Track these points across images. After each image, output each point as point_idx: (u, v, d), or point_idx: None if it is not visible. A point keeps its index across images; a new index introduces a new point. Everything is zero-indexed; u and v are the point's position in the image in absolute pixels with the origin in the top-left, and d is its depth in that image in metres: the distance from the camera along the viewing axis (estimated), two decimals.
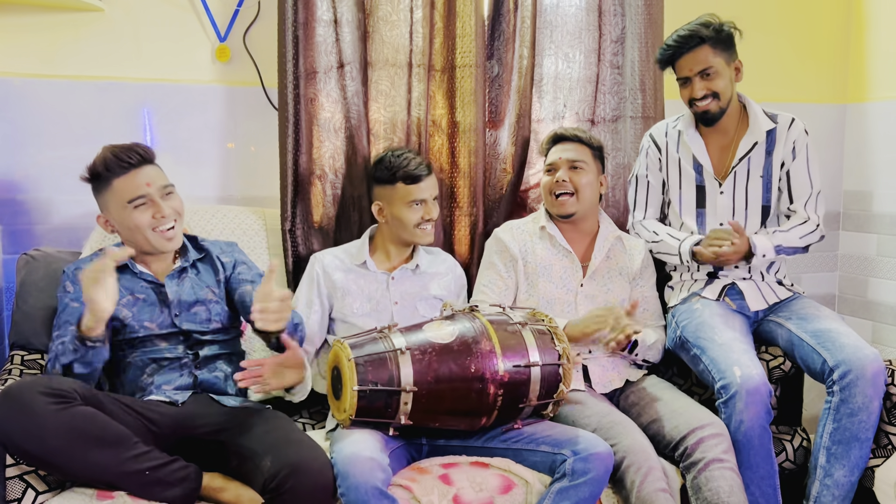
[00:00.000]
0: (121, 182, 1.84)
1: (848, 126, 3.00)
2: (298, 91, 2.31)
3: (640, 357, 2.18)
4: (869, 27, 2.91)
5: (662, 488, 1.78)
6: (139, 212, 1.85)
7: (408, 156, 2.13)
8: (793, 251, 2.25)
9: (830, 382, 2.00)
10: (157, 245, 1.89)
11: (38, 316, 2.04)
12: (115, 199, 1.85)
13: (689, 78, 2.20)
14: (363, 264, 2.15)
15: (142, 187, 1.84)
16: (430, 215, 2.13)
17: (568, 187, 2.21)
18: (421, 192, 2.11)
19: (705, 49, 2.16)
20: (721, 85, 2.19)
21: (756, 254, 2.18)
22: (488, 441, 1.85)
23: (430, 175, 2.15)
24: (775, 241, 2.21)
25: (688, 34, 2.17)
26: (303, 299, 2.14)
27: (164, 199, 1.87)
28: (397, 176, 2.11)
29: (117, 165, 1.83)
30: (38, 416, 1.52)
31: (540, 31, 2.53)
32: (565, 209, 2.22)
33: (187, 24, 2.41)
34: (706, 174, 2.28)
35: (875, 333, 2.88)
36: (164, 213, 1.86)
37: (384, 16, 2.38)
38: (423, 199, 2.12)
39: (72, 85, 2.34)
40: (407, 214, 2.11)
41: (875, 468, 2.01)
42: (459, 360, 1.76)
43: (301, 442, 1.70)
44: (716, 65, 2.17)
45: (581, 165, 2.22)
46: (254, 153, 2.49)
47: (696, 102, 2.21)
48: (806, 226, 2.26)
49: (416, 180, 2.10)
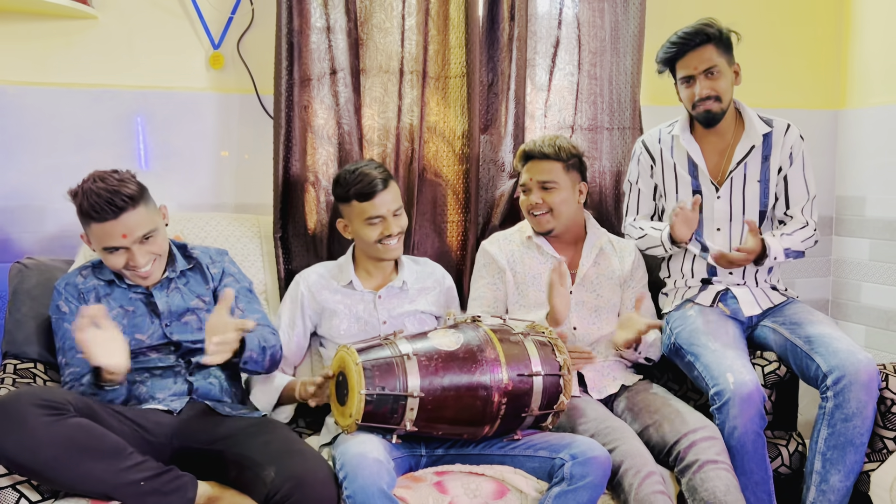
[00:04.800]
0: (97, 228, 1.78)
1: (840, 132, 3.02)
2: (293, 98, 2.32)
3: (643, 355, 2.20)
4: (860, 34, 2.93)
5: (660, 490, 1.78)
6: (114, 256, 1.82)
7: (362, 171, 2.03)
8: (795, 255, 2.26)
9: (824, 388, 2.00)
10: (131, 280, 1.89)
11: (31, 325, 2.03)
12: (92, 237, 1.82)
13: (692, 77, 2.19)
14: (349, 284, 2.12)
15: (116, 238, 1.78)
16: (390, 231, 2.04)
17: (542, 208, 2.19)
18: (376, 208, 2.02)
19: (710, 47, 2.16)
20: (723, 86, 2.19)
21: (769, 255, 2.17)
22: (486, 448, 1.85)
23: (387, 189, 2.03)
24: (784, 244, 2.21)
25: (693, 31, 2.16)
26: (285, 319, 2.13)
27: (142, 244, 1.81)
28: (350, 194, 2.03)
29: (93, 215, 1.76)
30: (30, 428, 1.51)
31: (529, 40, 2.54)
32: (542, 227, 2.22)
33: (181, 31, 2.41)
34: (703, 178, 2.28)
35: (868, 338, 2.89)
36: (137, 261, 1.82)
37: (378, 23, 2.39)
38: (380, 216, 2.03)
39: (65, 93, 2.33)
40: (366, 232, 2.05)
41: (870, 472, 2.02)
42: (465, 367, 1.76)
43: (304, 453, 1.69)
44: (720, 64, 2.17)
45: (552, 186, 2.18)
46: (248, 160, 2.49)
47: (700, 103, 2.20)
48: (806, 230, 2.27)
49: (369, 197, 2.01)
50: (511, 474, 1.78)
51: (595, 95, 2.61)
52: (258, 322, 1.96)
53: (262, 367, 1.91)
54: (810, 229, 2.27)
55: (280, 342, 1.99)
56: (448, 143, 2.51)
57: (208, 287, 1.99)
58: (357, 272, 2.14)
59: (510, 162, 2.56)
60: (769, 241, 2.17)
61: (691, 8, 2.49)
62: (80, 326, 1.62)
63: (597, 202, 2.61)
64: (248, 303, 2.02)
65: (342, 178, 2.07)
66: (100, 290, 1.90)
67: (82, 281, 1.91)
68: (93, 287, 1.90)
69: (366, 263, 2.15)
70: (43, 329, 2.01)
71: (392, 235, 2.05)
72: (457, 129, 2.49)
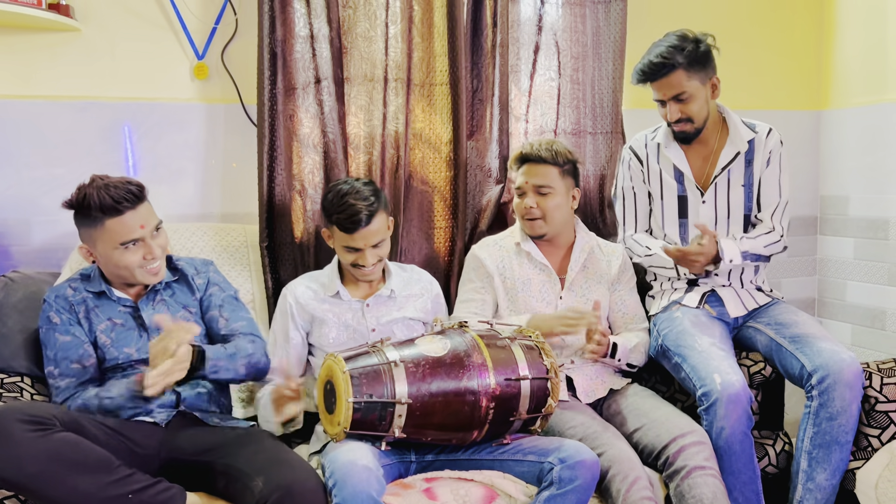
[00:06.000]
0: (114, 223, 1.80)
1: (823, 132, 3.04)
2: (277, 107, 2.32)
3: (623, 362, 2.17)
4: (841, 35, 2.96)
5: (648, 496, 1.80)
6: (130, 252, 1.83)
7: (349, 202, 1.98)
8: (755, 258, 2.26)
9: (809, 387, 2.02)
10: (141, 280, 1.89)
11: (17, 338, 2.02)
12: (105, 238, 1.82)
13: (663, 100, 2.21)
14: (336, 294, 2.11)
15: (136, 230, 1.82)
16: (364, 262, 2.01)
17: (536, 213, 2.20)
18: (355, 241, 2.00)
19: (678, 74, 2.15)
20: (695, 109, 2.19)
21: (724, 258, 2.18)
22: (476, 453, 1.86)
23: (369, 225, 1.98)
24: (742, 248, 2.22)
25: (660, 62, 2.14)
26: (280, 333, 2.11)
27: (154, 237, 1.86)
28: (333, 220, 2.02)
29: (112, 208, 1.79)
30: (16, 443, 1.51)
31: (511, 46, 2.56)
32: (535, 231, 2.23)
33: (165, 42, 2.41)
34: (688, 183, 2.30)
35: (854, 336, 2.92)
36: (154, 254, 1.85)
37: (362, 32, 2.40)
38: (359, 248, 2.01)
39: (49, 105, 2.33)
40: (342, 254, 2.06)
41: (856, 470, 2.04)
42: (452, 372, 1.77)
43: (292, 462, 1.69)
44: (689, 89, 2.16)
45: (547, 191, 2.18)
46: (234, 170, 2.49)
47: (672, 124, 2.23)
48: (771, 235, 2.27)
49: (349, 231, 1.98)
50: (500, 479, 1.79)
51: (578, 100, 2.62)
52: (240, 331, 1.96)
53: (238, 375, 1.88)
54: (776, 235, 2.27)
55: (262, 350, 1.96)
56: (435, 149, 2.51)
57: (195, 297, 1.99)
58: (344, 282, 2.14)
59: (496, 168, 2.57)
60: (723, 245, 2.18)
61: (672, 12, 2.51)
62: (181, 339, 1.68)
63: (582, 205, 2.62)
64: (234, 311, 2.01)
65: (329, 201, 2.03)
66: (89, 302, 1.90)
67: (72, 293, 1.91)
68: (83, 299, 1.90)
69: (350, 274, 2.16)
70: (30, 343, 2.00)
71: (366, 266, 2.03)
72: (443, 135, 2.50)
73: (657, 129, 2.36)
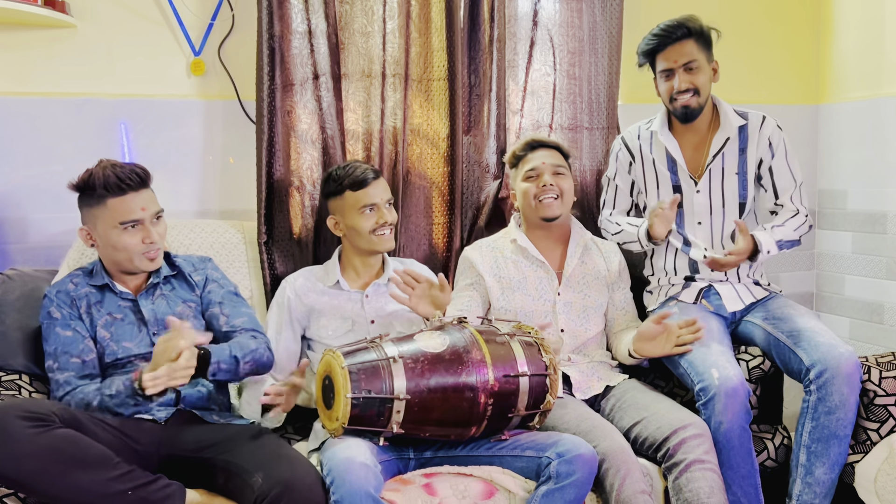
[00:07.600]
0: (117, 202, 1.85)
1: (821, 126, 3.04)
2: (275, 103, 2.32)
3: (773, 252, 2.17)
4: (838, 29, 2.96)
5: (642, 490, 1.80)
6: (129, 234, 1.86)
7: (353, 164, 2.13)
8: (790, 244, 2.26)
9: (807, 381, 2.02)
10: (138, 265, 1.90)
11: (16, 336, 2.01)
12: (106, 217, 1.85)
13: (671, 70, 2.21)
14: (336, 284, 2.14)
15: (136, 211, 1.86)
16: (385, 219, 2.10)
17: (554, 191, 2.22)
18: (370, 196, 2.09)
19: (691, 42, 2.18)
20: (702, 80, 2.21)
21: (762, 251, 2.17)
22: (474, 449, 1.86)
23: (378, 179, 2.13)
24: (776, 237, 2.22)
25: (675, 24, 2.18)
26: (273, 325, 2.13)
27: (154, 224, 1.89)
28: (344, 185, 2.10)
29: (116, 186, 1.84)
30: (14, 440, 1.51)
31: (508, 42, 2.55)
32: (552, 211, 2.23)
33: (161, 38, 2.40)
34: (681, 173, 2.30)
35: (852, 330, 2.92)
36: (152, 238, 1.88)
37: (360, 27, 2.40)
38: (374, 204, 2.10)
39: (46, 102, 2.32)
40: (360, 222, 2.10)
41: (854, 464, 2.04)
42: (451, 368, 1.77)
43: (292, 458, 1.70)
44: (699, 59, 2.19)
45: (562, 171, 2.25)
46: (232, 166, 2.49)
47: (678, 97, 2.21)
48: (797, 218, 2.28)
49: (363, 185, 2.09)
50: (499, 474, 1.79)
51: (574, 95, 2.62)
52: (242, 327, 1.96)
53: (238, 375, 1.90)
54: (801, 216, 2.28)
55: (264, 345, 1.97)
56: (433, 145, 2.51)
57: (195, 293, 1.99)
58: (344, 273, 2.15)
59: (494, 163, 2.57)
60: (759, 237, 2.18)
61: (668, 6, 2.50)
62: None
63: (579, 200, 2.62)
64: (234, 307, 2.01)
65: (334, 174, 2.14)
66: (91, 297, 1.91)
67: (74, 288, 1.92)
68: (84, 294, 1.91)
69: (354, 262, 2.17)
70: (28, 340, 2.00)
71: (386, 224, 2.10)
72: (441, 131, 2.50)
73: (652, 120, 2.36)
